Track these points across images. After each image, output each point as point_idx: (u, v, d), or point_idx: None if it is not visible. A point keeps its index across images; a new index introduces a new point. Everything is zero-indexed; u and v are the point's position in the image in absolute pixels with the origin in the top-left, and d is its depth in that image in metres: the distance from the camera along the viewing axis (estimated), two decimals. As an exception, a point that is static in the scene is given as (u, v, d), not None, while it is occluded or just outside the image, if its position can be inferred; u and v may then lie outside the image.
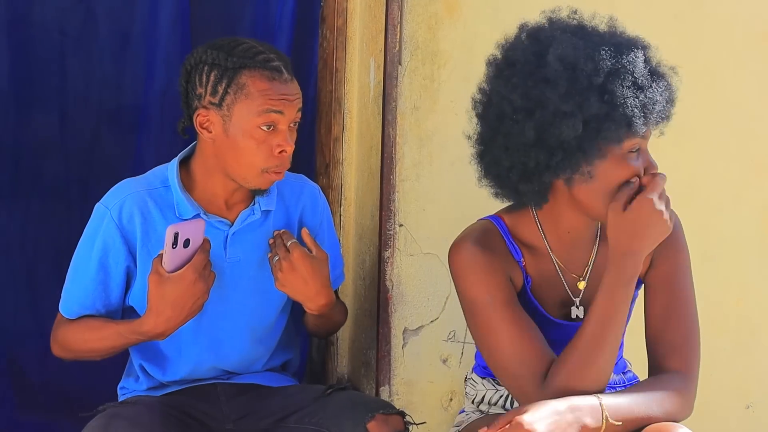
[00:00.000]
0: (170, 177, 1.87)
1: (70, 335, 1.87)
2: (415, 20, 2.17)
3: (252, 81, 1.78)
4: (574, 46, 1.57)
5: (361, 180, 2.37)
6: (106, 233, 1.84)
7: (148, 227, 1.85)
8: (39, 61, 2.56)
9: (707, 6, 2.39)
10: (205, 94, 1.80)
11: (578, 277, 1.75)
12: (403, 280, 2.21)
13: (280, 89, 1.79)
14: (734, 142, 2.44)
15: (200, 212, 1.85)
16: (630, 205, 1.59)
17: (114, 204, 1.85)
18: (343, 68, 2.40)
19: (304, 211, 2.00)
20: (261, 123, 1.78)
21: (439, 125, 2.21)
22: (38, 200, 2.60)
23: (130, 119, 2.61)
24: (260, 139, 1.79)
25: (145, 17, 2.58)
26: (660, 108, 1.61)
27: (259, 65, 1.78)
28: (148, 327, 1.76)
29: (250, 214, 1.90)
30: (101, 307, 1.87)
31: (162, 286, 1.72)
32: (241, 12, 2.68)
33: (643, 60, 1.60)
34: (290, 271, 1.85)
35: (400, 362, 2.23)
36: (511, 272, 1.71)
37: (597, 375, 1.60)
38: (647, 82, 1.59)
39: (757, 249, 2.47)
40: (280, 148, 1.80)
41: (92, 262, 1.85)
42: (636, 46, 1.62)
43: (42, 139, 2.59)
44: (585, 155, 1.58)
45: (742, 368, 2.50)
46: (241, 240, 1.89)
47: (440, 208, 2.17)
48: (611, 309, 1.61)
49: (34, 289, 2.57)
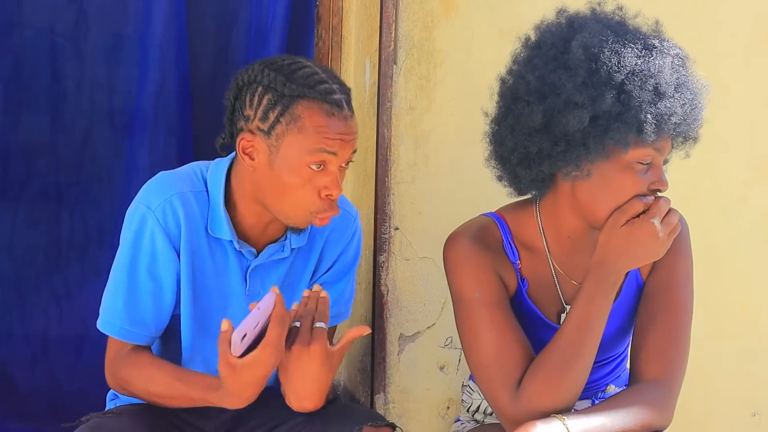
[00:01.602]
0: (213, 188, 1.70)
1: (134, 382, 1.66)
2: (410, 18, 2.13)
3: (309, 114, 1.59)
4: (602, 37, 1.52)
5: (356, 183, 2.34)
6: (152, 238, 1.65)
7: (192, 232, 1.67)
8: (29, 62, 2.52)
9: (710, 6, 2.35)
10: (254, 118, 1.62)
11: (578, 284, 1.69)
12: (399, 285, 2.17)
13: (338, 127, 1.60)
14: (738, 145, 2.40)
15: (234, 240, 1.69)
16: (631, 221, 1.56)
17: (158, 204, 1.65)
18: (338, 68, 2.36)
19: (330, 238, 1.81)
20: (311, 162, 1.60)
21: (436, 126, 2.17)
22: (28, 203, 2.55)
23: (123, 121, 2.57)
24: (307, 178, 1.61)
25: (139, 17, 2.55)
26: (677, 120, 1.55)
27: (319, 97, 1.59)
28: (230, 404, 1.57)
29: (278, 251, 1.74)
30: (153, 326, 1.69)
31: (238, 374, 1.50)
32: (236, 12, 2.65)
33: (671, 68, 1.54)
34: (297, 359, 1.52)
35: (395, 369, 2.19)
36: (504, 273, 1.67)
37: (571, 382, 1.55)
38: (670, 91, 1.53)
39: (762, 253, 2.43)
40: (327, 191, 1.62)
41: (141, 273, 1.66)
42: (671, 53, 1.56)
43: (32, 140, 2.55)
44: (587, 151, 1.53)
45: (748, 375, 2.46)
46: (262, 273, 1.75)
47: (437, 211, 2.13)
48: (589, 316, 1.57)
49: (22, 294, 2.53)
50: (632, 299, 1.73)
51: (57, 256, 2.50)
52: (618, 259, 1.57)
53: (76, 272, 2.55)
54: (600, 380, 1.81)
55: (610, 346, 1.74)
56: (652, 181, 1.58)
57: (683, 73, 1.58)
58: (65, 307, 2.56)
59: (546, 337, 1.65)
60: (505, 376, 1.58)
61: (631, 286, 1.72)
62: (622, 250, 1.57)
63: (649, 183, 1.57)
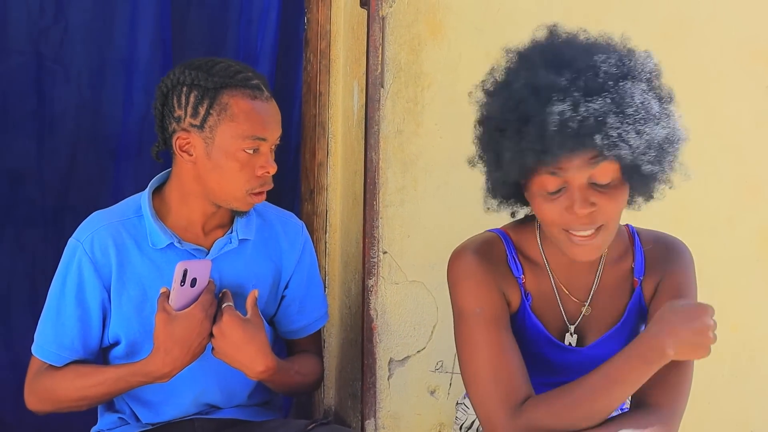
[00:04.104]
0: (143, 205, 1.81)
1: (57, 384, 1.75)
2: (397, 42, 2.13)
3: (235, 101, 1.73)
4: (527, 69, 1.50)
5: (345, 206, 2.32)
6: (79, 268, 1.76)
7: (123, 259, 1.78)
8: (14, 84, 2.50)
9: (697, 26, 2.36)
10: (185, 116, 1.74)
11: (581, 302, 1.68)
12: (388, 309, 2.15)
13: (263, 110, 1.76)
14: (727, 164, 2.40)
15: (174, 240, 1.79)
16: (694, 320, 1.50)
17: (86, 237, 1.77)
18: (327, 92, 2.36)
19: (283, 246, 1.93)
20: (246, 147, 1.74)
21: (424, 149, 2.16)
22: (12, 228, 2.53)
23: (108, 146, 2.55)
24: (244, 161, 1.75)
25: (124, 42, 2.53)
26: (571, 137, 1.44)
27: (240, 84, 1.74)
28: (154, 367, 1.69)
29: (227, 243, 1.84)
30: (81, 349, 1.78)
31: (170, 325, 1.67)
32: (223, 36, 2.65)
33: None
34: (221, 336, 1.72)
35: (386, 394, 2.17)
36: (508, 290, 1.66)
37: (578, 421, 1.52)
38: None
39: (753, 273, 2.42)
40: (264, 170, 1.77)
41: (68, 300, 1.77)
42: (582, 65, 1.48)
43: (17, 165, 2.52)
44: (508, 175, 1.53)
45: (742, 395, 2.45)
46: (217, 268, 1.83)
47: (426, 234, 2.12)
48: (622, 373, 1.52)
49: (6, 322, 2.49)
50: (634, 321, 1.71)
51: (43, 282, 2.47)
52: (666, 344, 1.50)
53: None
54: None
55: None
56: (566, 206, 1.52)
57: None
58: (51, 334, 2.53)
59: (549, 353, 1.64)
60: (501, 395, 1.56)
61: (634, 308, 1.70)
62: (677, 340, 1.50)
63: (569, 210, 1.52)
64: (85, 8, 2.53)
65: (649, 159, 1.49)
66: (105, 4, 2.53)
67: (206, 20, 2.62)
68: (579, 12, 2.18)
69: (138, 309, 1.78)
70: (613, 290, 1.70)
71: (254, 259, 1.88)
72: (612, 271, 1.70)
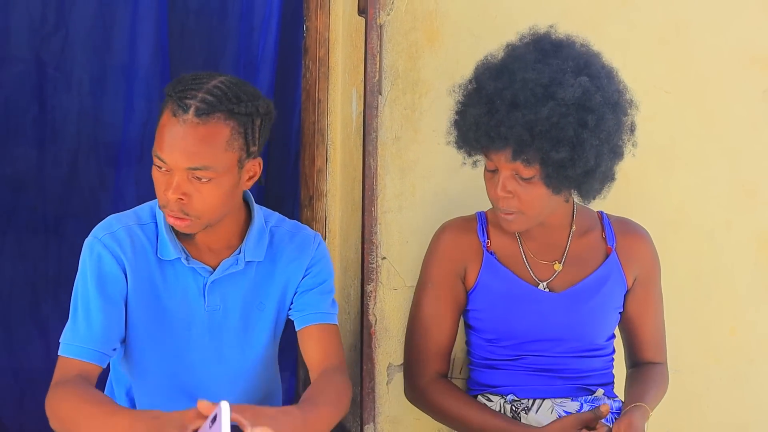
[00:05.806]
0: (158, 214, 1.77)
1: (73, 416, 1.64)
2: (395, 49, 2.14)
3: (164, 112, 1.66)
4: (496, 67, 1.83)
5: (345, 212, 2.33)
6: (99, 261, 1.73)
7: (138, 257, 1.75)
8: (15, 91, 2.51)
9: (694, 30, 2.37)
10: None
11: (548, 263, 1.96)
12: (387, 315, 2.16)
13: (172, 132, 1.62)
14: (724, 168, 2.41)
15: (182, 256, 1.77)
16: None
17: (104, 234, 1.75)
18: (325, 99, 2.37)
19: (291, 262, 1.87)
20: (155, 161, 1.67)
21: (422, 155, 2.17)
22: (13, 235, 2.53)
23: (109, 153, 2.56)
24: (155, 176, 1.68)
25: (124, 49, 2.54)
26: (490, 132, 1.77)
27: (173, 96, 1.64)
28: None
29: (233, 264, 1.80)
30: (103, 342, 1.71)
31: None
32: (223, 45, 2.65)
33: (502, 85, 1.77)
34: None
35: (385, 399, 2.18)
36: (472, 257, 1.96)
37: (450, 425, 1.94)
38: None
39: (750, 276, 2.43)
40: (165, 192, 1.66)
41: (92, 294, 1.72)
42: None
43: (18, 172, 2.53)
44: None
45: (739, 399, 2.45)
46: (222, 289, 1.80)
47: (424, 240, 2.12)
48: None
49: (7, 328, 2.50)
50: (608, 281, 1.97)
51: (45, 289, 2.47)
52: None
53: (63, 305, 2.53)
54: (589, 374, 1.94)
55: (590, 328, 1.96)
56: (495, 185, 1.84)
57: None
58: (53, 341, 2.53)
59: (524, 299, 1.91)
60: (422, 360, 1.97)
61: (609, 270, 1.98)
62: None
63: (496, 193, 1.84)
64: (85, 16, 2.54)
65: (558, 173, 1.74)
66: (105, 12, 2.54)
67: (206, 29, 2.63)
68: (577, 17, 2.19)
69: (145, 310, 1.76)
70: (585, 254, 1.98)
71: (261, 281, 1.84)
72: (583, 240, 1.99)
